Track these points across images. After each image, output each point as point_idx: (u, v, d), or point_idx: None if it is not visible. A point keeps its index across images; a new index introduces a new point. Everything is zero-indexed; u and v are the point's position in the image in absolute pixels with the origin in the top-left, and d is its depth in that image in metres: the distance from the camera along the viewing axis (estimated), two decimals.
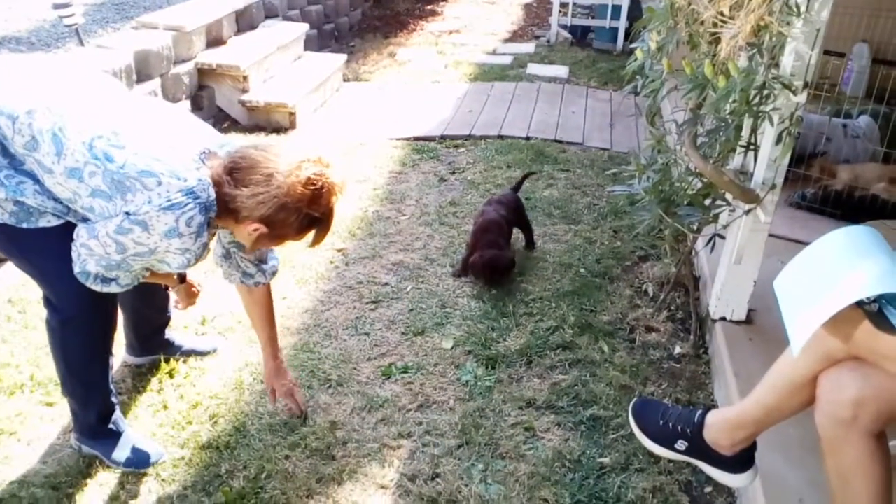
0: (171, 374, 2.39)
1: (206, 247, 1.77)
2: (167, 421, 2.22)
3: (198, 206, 1.66)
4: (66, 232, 1.75)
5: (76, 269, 1.76)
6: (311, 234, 1.80)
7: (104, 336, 2.00)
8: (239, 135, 4.52)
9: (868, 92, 4.17)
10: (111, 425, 2.06)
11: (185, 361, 2.45)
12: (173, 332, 2.49)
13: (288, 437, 2.15)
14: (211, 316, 2.70)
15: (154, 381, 2.37)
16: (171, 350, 2.45)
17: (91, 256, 1.72)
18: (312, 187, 1.68)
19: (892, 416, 1.38)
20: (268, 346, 2.21)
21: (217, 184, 1.71)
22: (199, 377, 2.40)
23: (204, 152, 1.75)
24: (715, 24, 2.27)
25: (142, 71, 4.05)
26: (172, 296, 2.30)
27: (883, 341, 1.28)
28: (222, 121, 4.70)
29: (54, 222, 1.77)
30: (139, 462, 2.05)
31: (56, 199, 1.73)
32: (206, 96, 4.65)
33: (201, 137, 1.80)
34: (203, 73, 4.65)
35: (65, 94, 1.74)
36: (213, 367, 2.45)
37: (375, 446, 2.13)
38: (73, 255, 1.75)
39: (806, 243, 1.46)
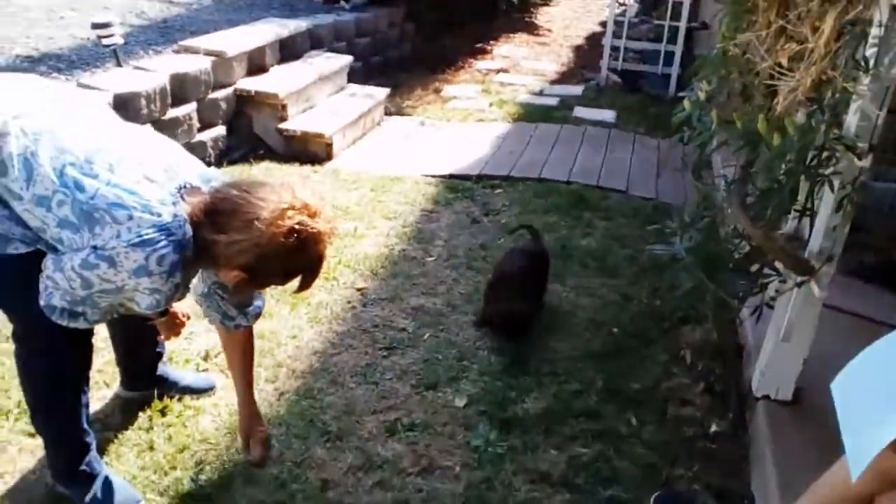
0: (163, 413, 2.25)
1: (178, 287, 1.64)
2: (151, 464, 2.07)
3: (171, 245, 1.54)
4: (35, 260, 1.63)
5: (42, 302, 1.63)
6: (296, 281, 1.71)
7: (75, 372, 1.85)
8: (273, 164, 4.44)
9: None
10: (84, 466, 1.90)
11: (179, 399, 2.30)
12: (169, 368, 2.35)
13: (273, 494, 1.97)
14: (215, 351, 2.55)
15: (144, 418, 2.22)
16: (165, 386, 2.30)
17: (56, 290, 1.60)
18: (294, 237, 1.59)
19: None
20: (245, 393, 2.12)
21: (195, 225, 1.59)
22: (192, 417, 2.25)
23: (184, 186, 1.62)
24: (771, 76, 2.08)
25: (178, 94, 4.00)
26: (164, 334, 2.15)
27: None
28: (258, 148, 4.62)
29: (22, 249, 1.63)
30: None
31: (25, 226, 1.60)
32: (243, 123, 4.59)
33: (185, 171, 1.68)
34: (241, 100, 4.59)
35: (42, 118, 1.62)
36: (209, 406, 2.30)
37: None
38: (41, 286, 1.62)
39: (862, 316, 1.27)
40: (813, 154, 1.85)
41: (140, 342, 2.22)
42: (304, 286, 1.73)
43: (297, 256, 1.62)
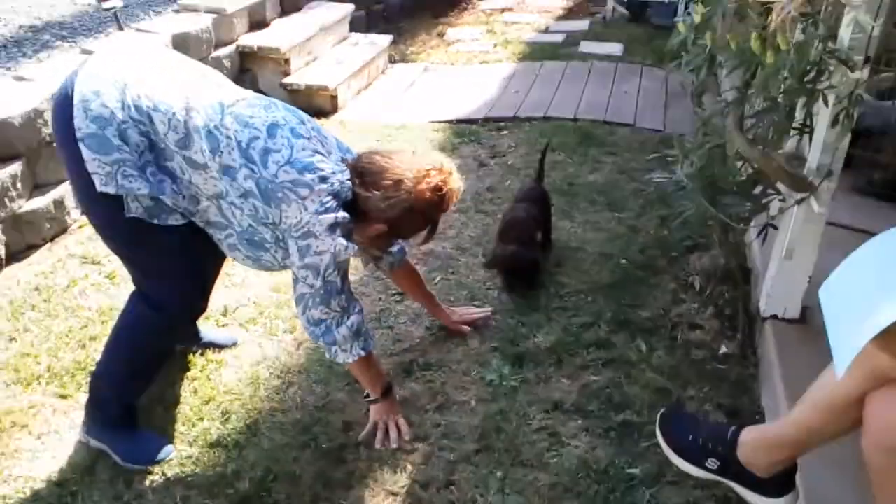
0: (186, 367, 2.33)
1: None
2: (178, 416, 2.15)
3: (342, 206, 1.78)
4: (189, 232, 1.83)
5: (321, 334, 1.90)
6: (422, 234, 1.97)
7: (179, 334, 2.12)
8: None
9: None
10: (128, 420, 2.02)
11: (202, 354, 2.38)
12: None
13: (298, 437, 2.06)
14: (233, 306, 2.62)
15: (169, 373, 2.30)
16: (190, 341, 2.38)
17: (311, 302, 1.85)
18: (439, 193, 1.85)
19: None
20: (435, 307, 2.46)
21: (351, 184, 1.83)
22: (215, 371, 2.33)
23: (343, 158, 1.88)
24: None
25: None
26: (371, 419, 2.08)
27: None
28: None
29: (181, 221, 1.81)
30: (146, 459, 1.98)
31: (191, 198, 1.80)
32: (247, 80, 4.59)
33: (331, 140, 1.90)
34: (244, 57, 4.60)
35: (209, 89, 1.79)
36: (230, 360, 2.38)
37: (388, 450, 2.02)
38: (310, 332, 1.93)
39: (871, 233, 1.28)
40: (808, 70, 1.83)
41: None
42: (429, 237, 1.99)
43: (437, 210, 1.90)
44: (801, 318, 2.28)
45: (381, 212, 1.83)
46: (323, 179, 1.74)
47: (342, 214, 1.77)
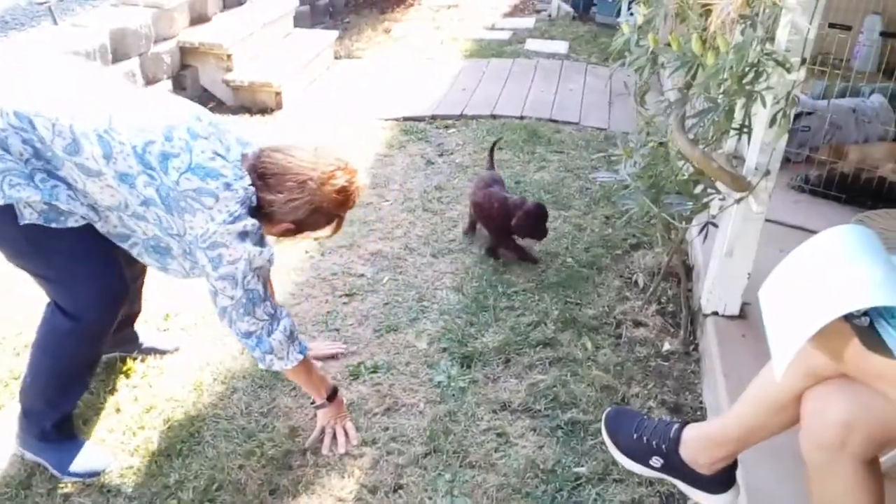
0: (126, 374, 2.26)
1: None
2: (119, 426, 2.09)
3: (249, 212, 1.73)
4: (91, 234, 1.77)
5: (254, 345, 1.83)
6: (328, 228, 1.94)
7: (102, 350, 1.96)
8: (223, 116, 4.36)
9: (879, 67, 3.96)
10: (64, 431, 1.95)
11: (142, 360, 2.32)
12: (137, 327, 2.35)
13: (243, 445, 2.01)
14: (174, 312, 2.56)
15: (108, 381, 2.23)
16: (129, 347, 2.31)
17: (236, 314, 1.77)
18: (345, 193, 1.82)
19: (886, 442, 1.22)
20: None
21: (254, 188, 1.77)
22: (157, 377, 2.27)
23: (241, 158, 1.79)
24: None
25: (119, 50, 3.90)
26: (319, 424, 2.05)
27: (874, 361, 1.11)
28: (207, 101, 4.53)
29: (81, 222, 1.74)
30: (85, 471, 1.92)
31: (89, 206, 1.73)
32: (189, 76, 4.50)
33: (231, 139, 1.82)
34: (186, 52, 4.49)
35: (99, 94, 1.74)
36: (172, 366, 2.32)
37: (336, 455, 1.99)
38: (243, 343, 1.85)
39: (807, 230, 1.32)
40: (747, 71, 1.87)
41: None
42: (335, 231, 1.96)
43: (343, 209, 1.88)
44: (741, 314, 2.33)
45: (285, 214, 1.80)
46: (227, 186, 1.68)
47: (251, 222, 1.72)
